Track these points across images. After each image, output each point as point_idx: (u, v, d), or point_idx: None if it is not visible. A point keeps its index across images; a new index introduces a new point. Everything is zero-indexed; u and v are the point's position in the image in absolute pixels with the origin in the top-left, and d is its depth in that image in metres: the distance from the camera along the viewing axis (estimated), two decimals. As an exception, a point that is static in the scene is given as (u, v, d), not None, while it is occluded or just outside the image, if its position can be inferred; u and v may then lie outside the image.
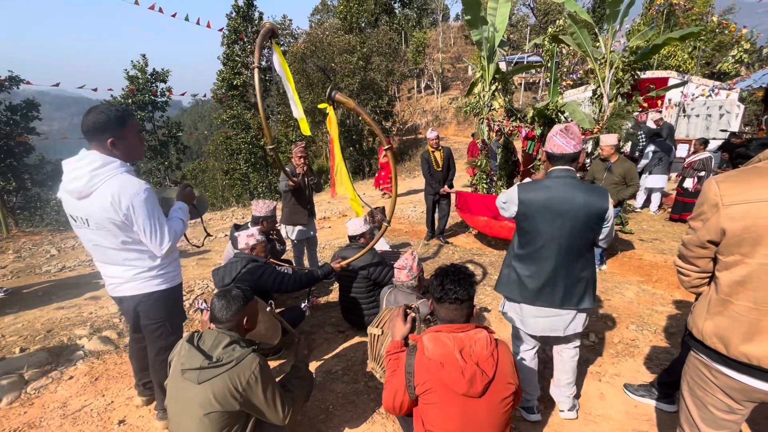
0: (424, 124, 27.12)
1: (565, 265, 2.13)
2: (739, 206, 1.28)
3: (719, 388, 1.42)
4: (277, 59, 2.93)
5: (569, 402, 2.52)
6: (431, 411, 1.59)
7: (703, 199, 1.39)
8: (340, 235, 7.08)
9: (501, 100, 6.29)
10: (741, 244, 1.29)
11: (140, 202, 1.97)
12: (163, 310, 2.28)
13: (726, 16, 20.49)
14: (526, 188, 2.18)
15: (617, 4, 5.77)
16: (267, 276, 3.03)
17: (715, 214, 1.33)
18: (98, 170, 1.93)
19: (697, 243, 1.43)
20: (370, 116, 2.98)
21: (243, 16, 21.68)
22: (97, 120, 1.94)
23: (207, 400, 1.69)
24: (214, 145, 26.83)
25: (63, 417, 2.63)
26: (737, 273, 1.31)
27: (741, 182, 1.30)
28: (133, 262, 2.14)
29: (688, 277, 1.55)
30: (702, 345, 1.45)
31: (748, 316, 1.30)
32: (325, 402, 2.74)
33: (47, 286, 5.08)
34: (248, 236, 3.22)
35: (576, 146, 2.10)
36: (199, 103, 79.96)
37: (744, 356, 1.31)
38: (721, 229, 1.32)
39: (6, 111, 13.97)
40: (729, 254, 1.33)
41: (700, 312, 1.47)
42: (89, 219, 2.00)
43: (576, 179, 2.13)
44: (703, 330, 1.43)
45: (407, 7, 36.48)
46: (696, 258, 1.47)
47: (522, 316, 2.31)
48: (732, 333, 1.34)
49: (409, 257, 2.97)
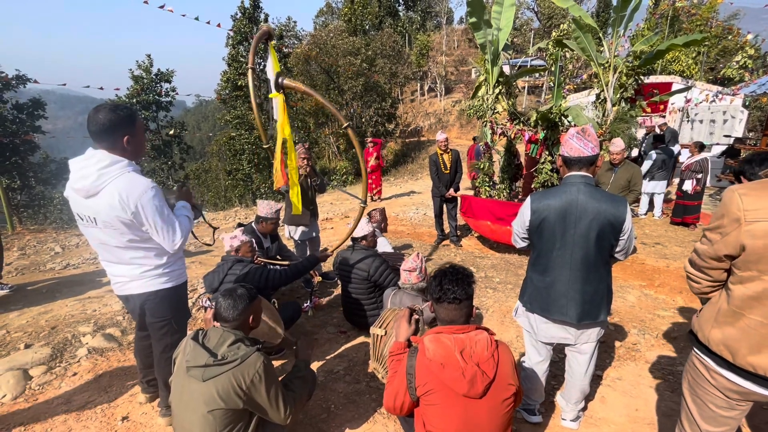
0: (427, 126, 27.17)
1: (580, 277, 2.05)
2: (762, 223, 1.24)
3: (717, 389, 1.45)
4: (270, 62, 2.89)
5: (574, 413, 2.47)
6: (432, 412, 1.61)
7: (723, 211, 1.34)
8: (343, 236, 7.09)
9: (504, 104, 6.30)
10: (760, 261, 1.27)
11: (148, 199, 1.99)
12: (169, 308, 2.30)
13: (731, 21, 20.48)
14: (539, 195, 2.11)
15: (622, 9, 5.79)
16: (252, 274, 3.04)
17: (735, 229, 1.30)
18: (106, 169, 1.95)
19: (712, 255, 1.40)
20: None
21: (248, 18, 21.79)
22: (111, 119, 1.96)
23: (211, 397, 1.70)
24: (218, 146, 26.92)
25: (67, 413, 2.65)
26: (752, 288, 1.30)
27: (765, 197, 1.25)
28: (140, 261, 2.16)
29: (698, 284, 1.54)
30: (706, 349, 1.46)
31: (759, 330, 1.30)
32: (327, 401, 2.75)
33: (51, 283, 5.11)
34: (231, 238, 3.26)
35: (593, 149, 2.01)
36: (203, 104, 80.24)
37: (751, 366, 1.33)
38: (740, 245, 1.30)
39: (12, 109, 14.08)
40: (746, 269, 1.31)
41: (707, 319, 1.46)
42: (97, 217, 2.01)
43: (592, 185, 2.02)
44: (710, 336, 1.43)
45: (411, 10, 36.61)
46: (709, 269, 1.45)
47: (533, 321, 2.27)
48: (740, 344, 1.34)
49: (416, 259, 2.99)
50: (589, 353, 2.26)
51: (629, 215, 2.01)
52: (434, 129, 25.67)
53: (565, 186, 2.06)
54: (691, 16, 17.85)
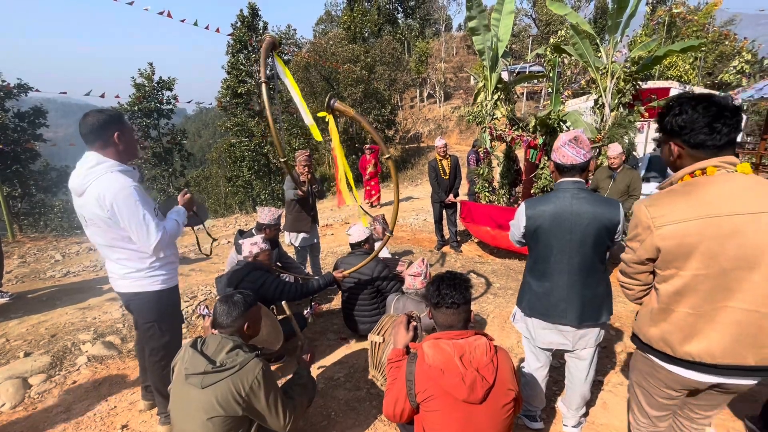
0: (427, 132, 27.26)
1: (579, 281, 2.07)
2: (668, 227, 1.43)
3: (662, 381, 1.64)
4: (281, 69, 2.97)
5: (575, 419, 2.45)
6: (432, 418, 1.60)
7: (636, 222, 1.54)
8: (343, 243, 7.09)
9: (503, 109, 6.34)
10: (675, 259, 1.45)
11: (123, 198, 2.05)
12: (153, 311, 2.32)
13: (727, 27, 20.62)
14: (533, 202, 2.14)
15: (619, 16, 5.84)
16: (269, 285, 3.04)
17: (649, 235, 1.48)
18: (92, 169, 2.06)
19: (636, 261, 1.58)
20: (372, 125, 2.96)
21: (248, 26, 21.97)
22: (99, 118, 2.08)
23: (210, 404, 1.70)
24: (218, 153, 27.03)
25: (66, 421, 2.64)
26: (674, 285, 1.48)
27: (665, 205, 1.46)
28: (124, 262, 2.22)
29: (631, 291, 1.70)
30: (649, 347, 1.62)
31: (687, 320, 1.47)
32: (327, 409, 2.74)
33: (52, 291, 5.11)
34: (252, 244, 3.24)
35: (586, 155, 2.04)
36: (203, 111, 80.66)
37: (689, 355, 1.49)
38: (656, 248, 1.48)
39: (14, 118, 14.16)
40: (666, 269, 1.50)
41: (644, 320, 1.63)
42: (85, 216, 2.13)
43: (585, 190, 2.06)
44: (649, 335, 1.60)
45: (410, 17, 36.90)
46: (637, 273, 1.63)
47: (531, 326, 2.27)
48: (674, 336, 1.51)
49: (421, 264, 3.00)
50: (588, 359, 2.25)
51: (623, 216, 2.05)
52: (434, 135, 25.76)
53: (558, 192, 2.09)
54: (687, 22, 17.98)
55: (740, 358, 1.42)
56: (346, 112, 2.92)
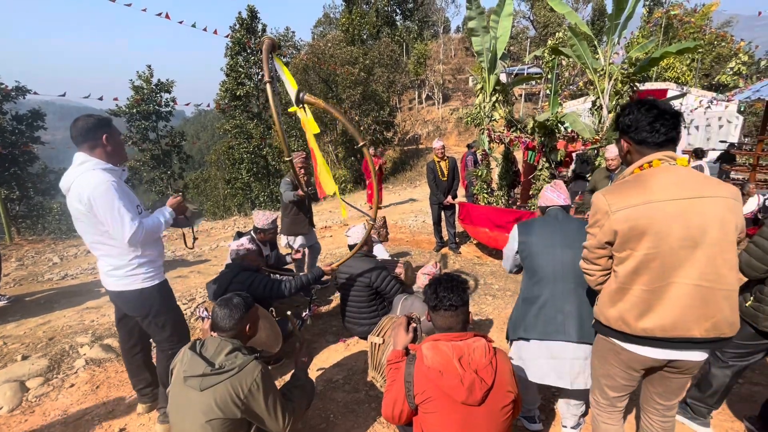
0: (425, 134, 27.29)
1: (575, 297, 2.15)
2: (622, 212, 1.58)
3: (623, 362, 1.75)
4: (281, 70, 2.99)
5: (574, 419, 2.45)
6: (431, 420, 1.60)
7: (596, 209, 1.69)
8: (341, 244, 7.09)
9: (501, 111, 6.34)
10: (629, 241, 1.59)
11: (100, 192, 2.09)
12: (138, 308, 2.36)
13: (724, 28, 20.72)
14: (526, 227, 2.34)
15: (616, 17, 5.86)
16: (257, 284, 3.03)
17: (607, 220, 1.62)
18: (76, 168, 2.14)
19: (596, 245, 1.70)
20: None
21: (246, 28, 22.00)
22: (88, 121, 2.18)
23: (209, 406, 1.69)
24: (217, 155, 27.02)
25: (64, 425, 2.63)
26: (630, 265, 1.61)
27: (620, 193, 1.63)
28: (106, 259, 2.28)
29: (593, 276, 1.79)
30: (609, 329, 1.72)
31: (641, 297, 1.59)
32: (326, 411, 2.74)
33: (49, 293, 5.10)
34: (237, 246, 3.26)
35: (566, 200, 2.34)
36: (202, 113, 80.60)
37: (643, 331, 1.60)
38: (613, 231, 1.61)
39: (12, 120, 14.14)
40: (622, 250, 1.63)
41: (604, 302, 1.74)
42: (72, 213, 2.21)
43: (569, 215, 2.32)
44: (609, 316, 1.70)
45: (409, 19, 36.96)
46: (597, 258, 1.74)
47: (523, 356, 2.26)
48: (630, 314, 1.62)
49: (435, 266, 3.07)
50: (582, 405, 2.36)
51: None
52: (432, 136, 25.78)
53: (547, 217, 2.34)
54: (684, 23, 18.06)
55: (687, 330, 1.55)
56: (316, 104, 2.93)
